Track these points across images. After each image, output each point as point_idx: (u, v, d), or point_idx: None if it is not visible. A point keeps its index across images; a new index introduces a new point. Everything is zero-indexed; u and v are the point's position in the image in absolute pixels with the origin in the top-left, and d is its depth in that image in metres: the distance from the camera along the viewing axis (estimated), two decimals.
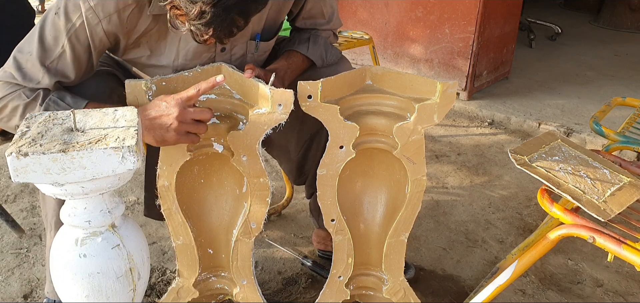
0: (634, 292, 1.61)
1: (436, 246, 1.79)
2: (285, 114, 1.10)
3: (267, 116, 1.10)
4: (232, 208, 1.29)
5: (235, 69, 1.18)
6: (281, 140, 1.46)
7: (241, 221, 1.25)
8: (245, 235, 1.25)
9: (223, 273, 1.35)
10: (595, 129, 1.69)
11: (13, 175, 0.82)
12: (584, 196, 1.08)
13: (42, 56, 1.07)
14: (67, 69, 1.10)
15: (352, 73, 1.22)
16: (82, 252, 0.92)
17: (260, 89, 1.10)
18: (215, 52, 1.22)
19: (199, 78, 1.16)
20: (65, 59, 1.09)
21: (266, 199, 1.21)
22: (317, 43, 1.36)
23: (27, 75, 1.07)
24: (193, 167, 1.24)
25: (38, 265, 1.62)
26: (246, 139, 1.13)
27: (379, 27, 3.32)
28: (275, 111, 1.09)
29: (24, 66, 1.08)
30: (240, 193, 1.26)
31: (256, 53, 1.29)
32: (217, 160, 1.24)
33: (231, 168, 1.22)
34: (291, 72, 1.31)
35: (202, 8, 0.93)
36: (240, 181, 1.25)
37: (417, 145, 1.18)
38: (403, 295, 1.35)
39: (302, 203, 1.99)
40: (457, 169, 2.35)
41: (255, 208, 1.22)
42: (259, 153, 1.15)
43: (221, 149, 1.17)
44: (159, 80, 1.11)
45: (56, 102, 1.07)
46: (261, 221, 1.23)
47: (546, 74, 3.67)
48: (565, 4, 6.28)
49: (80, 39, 1.08)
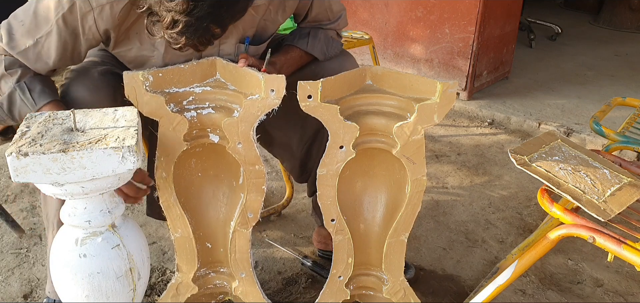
0: (634, 292, 1.61)
1: (436, 246, 1.79)
2: (277, 100, 1.12)
3: (260, 102, 1.12)
4: (230, 201, 1.30)
5: (229, 61, 1.20)
6: (283, 138, 1.46)
7: (238, 212, 1.25)
8: (243, 226, 1.26)
9: (221, 269, 1.35)
10: (595, 129, 1.69)
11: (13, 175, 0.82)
12: (584, 196, 1.08)
13: (33, 29, 1.09)
14: (51, 50, 1.11)
15: (352, 73, 1.22)
16: (82, 252, 0.92)
17: (253, 75, 1.13)
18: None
19: (195, 71, 1.18)
20: (51, 41, 1.10)
21: (262, 187, 1.22)
22: (317, 37, 1.37)
23: (13, 40, 1.09)
24: (190, 160, 1.25)
25: (38, 265, 1.62)
26: (240, 125, 1.15)
27: (379, 27, 3.32)
28: (267, 96, 1.11)
29: (15, 32, 1.09)
30: (237, 185, 1.27)
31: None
32: (214, 153, 1.25)
33: (228, 161, 1.24)
34: (288, 66, 1.32)
35: (175, 17, 0.94)
36: (236, 173, 1.26)
37: (417, 145, 1.18)
38: (403, 295, 1.35)
39: (302, 203, 1.99)
40: (457, 169, 2.35)
41: (252, 196, 1.23)
42: (254, 139, 1.17)
43: (217, 139, 1.19)
44: (156, 71, 1.13)
45: (23, 89, 1.09)
46: (258, 210, 1.24)
47: (546, 74, 3.67)
48: (565, 4, 6.27)
49: (68, 24, 1.09)
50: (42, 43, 1.10)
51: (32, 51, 1.10)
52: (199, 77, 1.20)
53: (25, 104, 1.09)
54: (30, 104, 1.09)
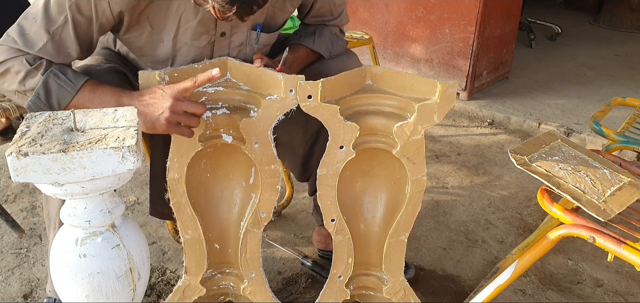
0: (634, 292, 1.61)
1: (436, 246, 1.79)
2: (296, 100, 1.13)
3: (280, 102, 1.13)
4: (240, 201, 1.30)
5: (241, 61, 1.20)
6: (286, 136, 1.47)
7: (250, 212, 1.25)
8: (255, 226, 1.26)
9: (228, 270, 1.35)
10: (595, 129, 1.69)
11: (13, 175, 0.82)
12: (584, 196, 1.08)
13: (47, 23, 1.07)
14: (69, 40, 1.09)
15: (352, 73, 1.22)
16: (82, 252, 0.92)
17: (271, 76, 1.13)
18: (215, 35, 1.23)
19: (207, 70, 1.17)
20: (67, 30, 1.08)
21: (276, 186, 1.22)
22: (323, 35, 1.38)
23: (29, 40, 1.07)
24: (200, 161, 1.25)
25: (38, 265, 1.62)
26: (259, 125, 1.15)
27: (379, 27, 3.32)
28: (287, 96, 1.12)
29: (28, 31, 1.07)
30: (247, 185, 1.27)
31: (256, 45, 1.30)
32: (224, 153, 1.25)
33: (238, 161, 1.24)
34: (297, 64, 1.33)
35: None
36: (247, 172, 1.26)
37: (417, 145, 1.18)
38: (403, 295, 1.35)
39: (302, 203, 1.99)
40: (457, 169, 2.35)
41: (266, 196, 1.23)
42: (271, 139, 1.17)
43: (230, 139, 1.19)
44: (172, 71, 1.13)
45: (56, 74, 1.06)
46: (271, 209, 1.24)
47: (546, 74, 3.67)
48: (565, 4, 6.28)
49: (82, 11, 1.08)
50: (59, 34, 1.08)
51: (51, 45, 1.08)
52: None
53: (64, 87, 1.06)
54: (69, 86, 1.06)
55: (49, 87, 1.06)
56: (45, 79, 1.05)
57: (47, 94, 1.06)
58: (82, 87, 1.07)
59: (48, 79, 1.06)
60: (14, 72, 1.06)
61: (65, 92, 1.06)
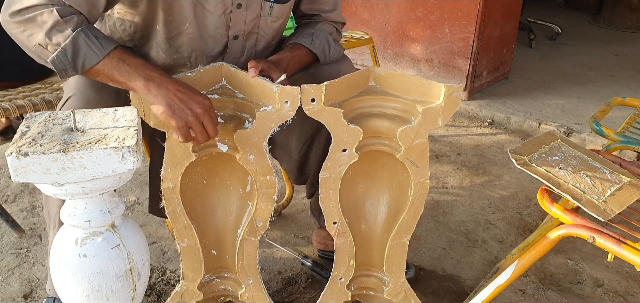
0: (634, 292, 1.61)
1: (436, 246, 1.78)
2: (292, 111, 1.11)
3: (275, 114, 1.11)
4: (236, 208, 1.29)
5: (237, 68, 1.18)
6: (282, 139, 1.46)
7: (246, 220, 1.25)
8: (251, 234, 1.25)
9: (226, 274, 1.35)
10: (595, 129, 1.69)
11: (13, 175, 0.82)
12: (584, 196, 1.08)
13: None
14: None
15: (356, 75, 1.22)
16: (82, 252, 0.92)
17: (267, 87, 1.11)
18: (231, 6, 1.21)
19: (201, 78, 1.16)
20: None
21: (273, 197, 1.21)
22: (320, 38, 1.37)
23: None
24: (196, 169, 1.24)
25: (38, 265, 1.62)
26: (253, 137, 1.13)
27: (379, 27, 3.32)
28: (282, 108, 1.10)
29: None
30: (244, 193, 1.26)
31: (270, 17, 1.29)
32: (220, 161, 1.24)
33: (234, 168, 1.23)
34: (294, 63, 1.32)
35: None
36: (243, 180, 1.25)
37: (421, 148, 1.18)
38: (404, 296, 1.34)
39: (302, 203, 1.99)
40: (457, 169, 2.35)
41: (262, 206, 1.22)
42: (266, 150, 1.15)
43: (226, 149, 1.17)
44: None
45: (87, 34, 1.02)
46: (267, 219, 1.23)
47: (546, 74, 3.67)
48: (565, 4, 6.28)
49: None
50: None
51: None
52: (205, 84, 1.18)
53: (92, 49, 1.01)
54: (97, 49, 1.02)
55: (77, 45, 1.01)
56: (75, 36, 1.00)
57: (75, 52, 1.01)
58: (110, 53, 1.03)
59: (78, 36, 1.01)
60: (40, 22, 1.00)
61: (93, 54, 1.02)
